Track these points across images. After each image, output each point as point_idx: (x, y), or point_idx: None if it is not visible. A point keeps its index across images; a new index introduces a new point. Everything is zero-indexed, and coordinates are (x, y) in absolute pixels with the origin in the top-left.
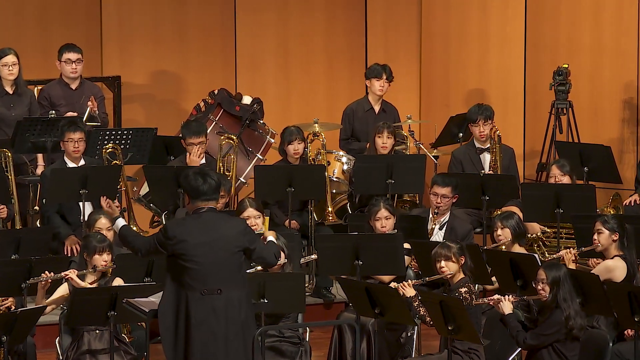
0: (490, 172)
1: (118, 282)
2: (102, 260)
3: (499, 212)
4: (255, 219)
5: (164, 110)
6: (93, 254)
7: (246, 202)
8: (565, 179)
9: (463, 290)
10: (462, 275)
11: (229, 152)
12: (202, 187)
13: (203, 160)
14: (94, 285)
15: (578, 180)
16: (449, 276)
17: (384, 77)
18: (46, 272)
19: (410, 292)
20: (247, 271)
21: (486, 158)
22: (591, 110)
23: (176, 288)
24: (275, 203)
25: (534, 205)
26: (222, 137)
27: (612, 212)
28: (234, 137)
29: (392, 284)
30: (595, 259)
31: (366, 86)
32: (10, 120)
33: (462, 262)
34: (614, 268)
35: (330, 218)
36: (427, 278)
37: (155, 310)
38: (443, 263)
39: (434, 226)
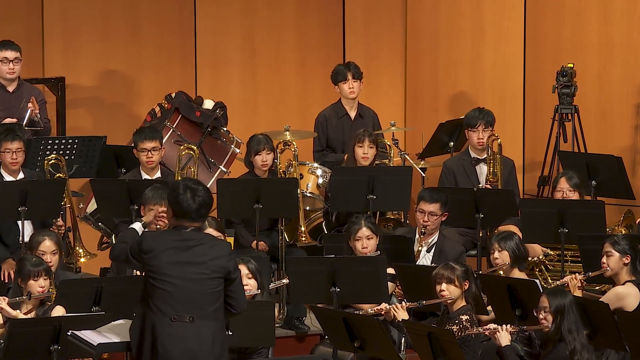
0: (488, 186)
1: (59, 311)
2: (38, 286)
3: (496, 232)
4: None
5: (114, 116)
6: (28, 279)
7: (205, 221)
8: (574, 196)
9: (464, 317)
10: (463, 303)
11: (188, 163)
12: (190, 205)
13: (158, 174)
14: (30, 316)
15: (585, 196)
16: (449, 301)
17: (350, 76)
18: None
19: (402, 315)
20: None
21: (483, 170)
22: (599, 115)
23: (143, 311)
24: (240, 222)
25: (534, 224)
26: (180, 147)
27: (623, 232)
28: (194, 147)
29: (383, 305)
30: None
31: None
32: None
33: (466, 287)
34: (626, 295)
35: (304, 239)
36: (424, 301)
37: (104, 344)
38: (444, 286)
39: (420, 248)
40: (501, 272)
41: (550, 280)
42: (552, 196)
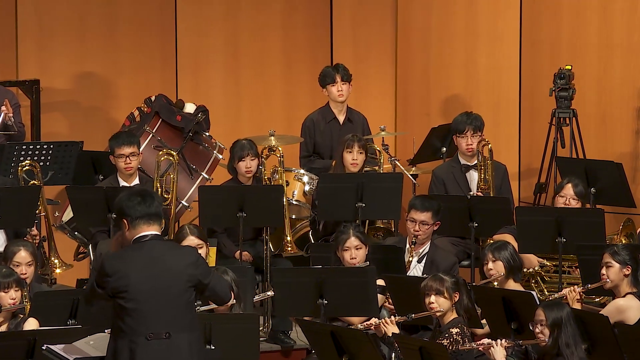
0: (480, 193)
1: (32, 324)
2: (9, 298)
3: (490, 242)
4: (197, 249)
5: (91, 120)
6: None
7: (186, 229)
8: (577, 206)
9: (454, 331)
10: (455, 315)
11: (168, 170)
12: (141, 206)
13: (136, 180)
14: (2, 329)
15: (585, 204)
16: (438, 314)
17: (338, 79)
18: None
19: (392, 329)
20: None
21: (473, 177)
22: (599, 120)
23: (117, 335)
24: (223, 231)
25: (531, 233)
26: (160, 153)
27: (623, 242)
28: (174, 153)
29: (373, 320)
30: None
31: (326, 95)
32: None
33: (456, 299)
34: (627, 308)
35: (290, 249)
36: (413, 315)
37: (80, 359)
38: (433, 298)
39: (411, 258)
40: (495, 284)
41: (547, 292)
42: (554, 201)
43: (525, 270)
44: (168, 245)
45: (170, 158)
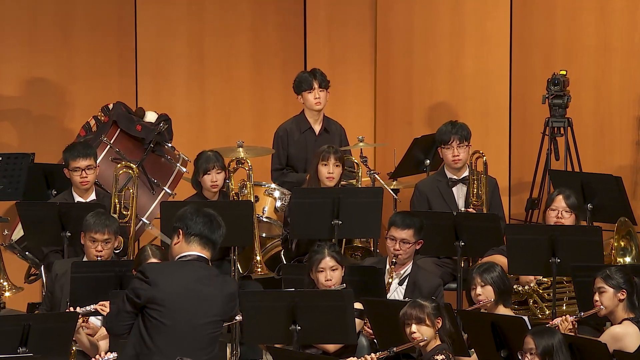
0: (472, 209)
1: None
2: None
3: (479, 263)
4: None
5: (43, 130)
6: None
7: (147, 250)
8: (570, 218)
9: (439, 358)
10: (438, 342)
11: (127, 184)
12: (205, 227)
13: (93, 196)
14: None
15: (581, 221)
16: (422, 343)
17: (316, 85)
18: None
19: None
20: None
21: (460, 191)
22: (596, 129)
23: (136, 353)
24: None
25: (522, 253)
26: (118, 165)
27: (622, 245)
28: (133, 165)
29: None
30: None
31: (301, 102)
32: None
33: (439, 325)
34: (624, 335)
35: (259, 270)
36: (394, 348)
37: None
38: (414, 327)
39: (391, 280)
40: (484, 309)
41: (547, 311)
42: (545, 216)
43: (520, 288)
44: (213, 272)
45: (130, 171)
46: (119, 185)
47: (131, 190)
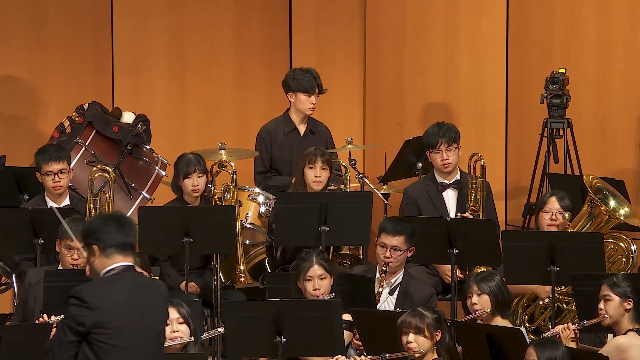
0: (469, 215)
1: None
2: None
3: (475, 272)
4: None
5: (14, 131)
6: None
7: None
8: (564, 222)
9: None
10: (435, 356)
11: (103, 189)
12: (119, 234)
13: (67, 200)
14: None
15: None
16: (417, 355)
17: (317, 91)
18: None
19: None
20: None
21: (450, 196)
22: (597, 131)
23: None
24: (167, 259)
25: (519, 261)
26: (94, 169)
27: (625, 239)
28: (110, 169)
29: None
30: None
31: (290, 101)
32: None
33: (438, 337)
34: (628, 347)
35: (243, 279)
36: (387, 355)
37: None
38: (412, 337)
39: (381, 289)
40: (480, 320)
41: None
42: (537, 219)
43: (541, 302)
44: (144, 279)
45: (106, 175)
46: (95, 190)
47: (107, 195)
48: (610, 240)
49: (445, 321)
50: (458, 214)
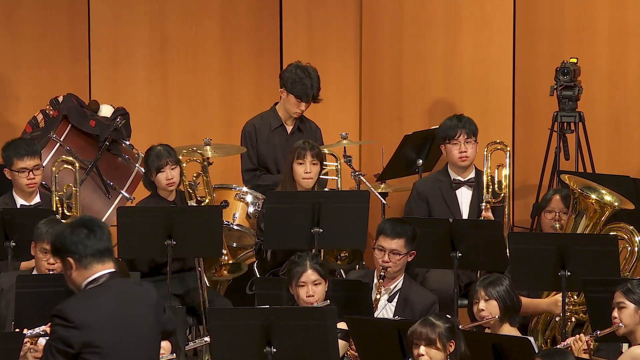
0: (489, 215)
1: None
2: None
3: (482, 277)
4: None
5: None
6: None
7: None
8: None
9: None
10: None
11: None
12: (91, 240)
13: (37, 198)
14: None
15: None
16: None
17: (310, 100)
18: None
19: None
20: None
21: (465, 195)
22: (611, 125)
23: None
24: (147, 270)
25: (527, 265)
26: (56, 162)
27: (630, 229)
28: (74, 160)
29: None
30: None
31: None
32: None
33: (452, 349)
34: None
35: (225, 271)
36: None
37: None
38: (422, 349)
39: (379, 296)
40: (488, 328)
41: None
42: (541, 219)
43: (557, 319)
44: (130, 284)
45: (70, 167)
46: (60, 184)
47: (73, 188)
48: (612, 234)
49: (459, 329)
50: (466, 215)
